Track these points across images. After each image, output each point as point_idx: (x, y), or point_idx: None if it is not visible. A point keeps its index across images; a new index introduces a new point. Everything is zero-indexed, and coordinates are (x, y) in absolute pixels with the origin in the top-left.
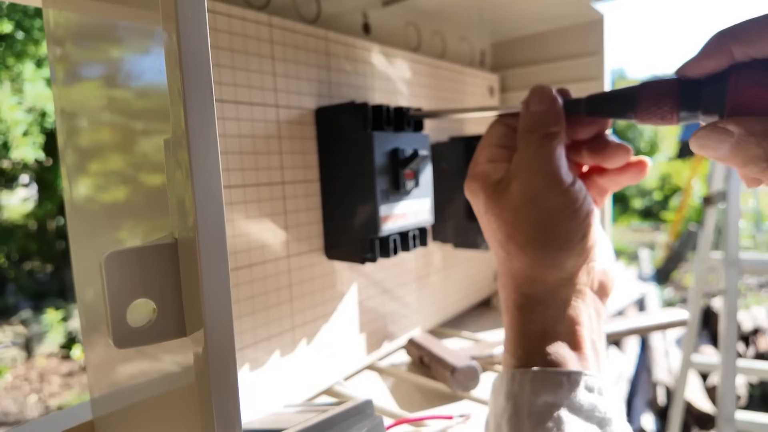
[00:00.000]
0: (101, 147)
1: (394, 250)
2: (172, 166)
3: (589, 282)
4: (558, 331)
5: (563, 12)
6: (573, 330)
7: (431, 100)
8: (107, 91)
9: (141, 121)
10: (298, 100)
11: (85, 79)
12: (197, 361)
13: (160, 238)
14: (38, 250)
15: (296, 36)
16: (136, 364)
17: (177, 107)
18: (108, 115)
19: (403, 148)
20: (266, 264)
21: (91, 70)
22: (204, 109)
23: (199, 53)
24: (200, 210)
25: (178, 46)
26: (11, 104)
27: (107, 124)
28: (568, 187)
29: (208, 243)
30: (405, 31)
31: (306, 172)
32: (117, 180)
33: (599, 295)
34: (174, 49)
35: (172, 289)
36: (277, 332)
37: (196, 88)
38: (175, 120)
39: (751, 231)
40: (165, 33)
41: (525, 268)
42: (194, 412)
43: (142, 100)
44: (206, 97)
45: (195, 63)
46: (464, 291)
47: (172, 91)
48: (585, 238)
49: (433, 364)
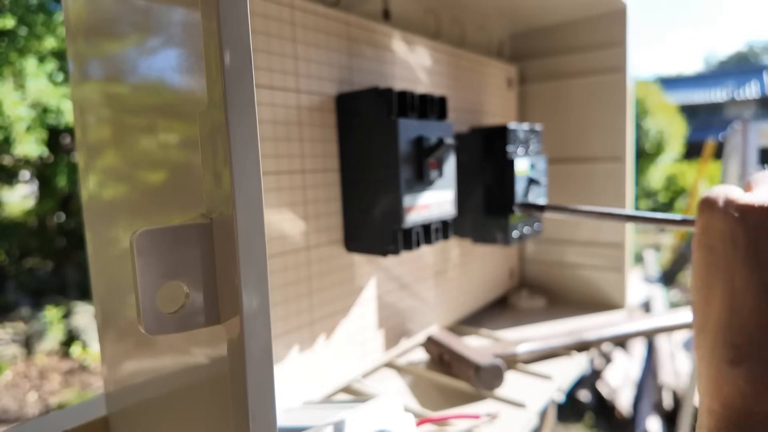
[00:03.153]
0: (122, 139)
1: (416, 243)
2: (208, 142)
3: None
4: None
5: (584, 2)
6: None
7: (450, 89)
8: (128, 85)
9: (163, 112)
10: (319, 86)
11: (105, 73)
12: (232, 349)
13: (193, 218)
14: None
15: (317, 19)
16: (157, 357)
17: (216, 81)
18: (129, 108)
19: (428, 136)
20: (286, 255)
21: (110, 65)
22: (243, 81)
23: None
24: (239, 188)
25: (218, 23)
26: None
27: (129, 116)
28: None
29: (246, 223)
30: (424, 18)
31: (326, 160)
32: (140, 170)
33: None
34: (214, 28)
35: (207, 272)
36: (295, 326)
37: (236, 61)
38: (214, 96)
39: None
40: (204, 19)
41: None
42: (224, 406)
43: (164, 90)
44: (246, 71)
45: (235, 39)
46: (481, 288)
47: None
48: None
49: (455, 362)
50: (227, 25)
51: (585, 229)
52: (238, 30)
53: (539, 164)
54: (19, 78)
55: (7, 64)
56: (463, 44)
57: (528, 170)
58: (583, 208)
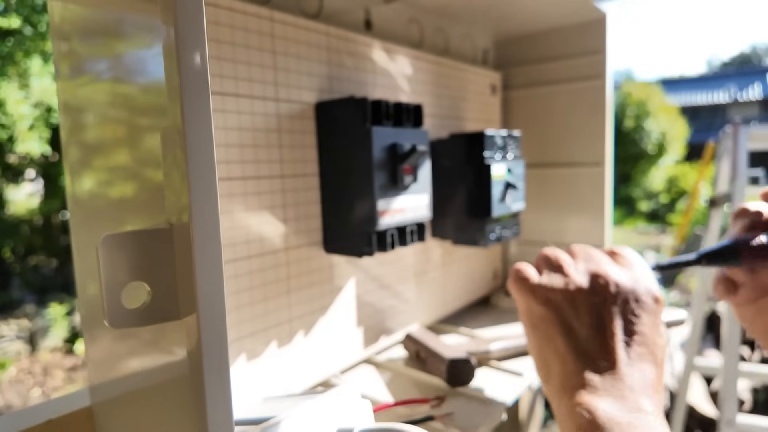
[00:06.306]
0: (103, 142)
1: (391, 245)
2: (169, 154)
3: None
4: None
5: (566, 10)
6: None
7: (433, 96)
8: (110, 87)
9: (143, 117)
10: (299, 95)
11: (88, 74)
12: (190, 343)
13: (156, 224)
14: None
15: (297, 30)
16: (134, 354)
17: (174, 95)
18: (110, 111)
19: (401, 143)
20: (264, 256)
21: (93, 65)
22: (200, 97)
23: (197, 41)
24: (195, 196)
25: (175, 34)
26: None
27: (110, 120)
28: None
29: (202, 228)
30: (407, 27)
31: (306, 165)
32: (119, 175)
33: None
34: (171, 40)
35: (167, 273)
36: (274, 323)
37: (193, 76)
38: (172, 108)
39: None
40: (163, 24)
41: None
42: (187, 397)
43: (143, 96)
44: (202, 85)
45: (192, 52)
46: (463, 288)
47: (169, 80)
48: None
49: (429, 358)
50: (185, 51)
51: (567, 230)
52: (195, 59)
53: (517, 169)
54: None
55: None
56: (447, 52)
57: (505, 174)
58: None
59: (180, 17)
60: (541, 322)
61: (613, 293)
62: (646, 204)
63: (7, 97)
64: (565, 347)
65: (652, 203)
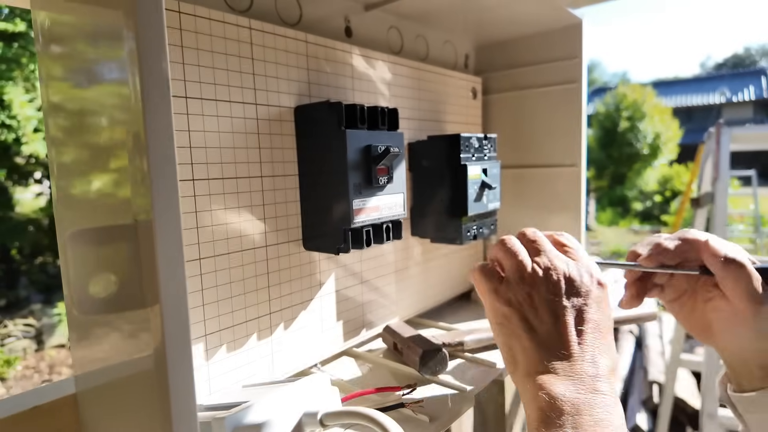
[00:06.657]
0: (78, 145)
1: (367, 242)
2: (135, 156)
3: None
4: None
5: (543, 17)
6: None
7: (412, 100)
8: (83, 92)
9: (112, 120)
10: (278, 99)
11: (65, 80)
12: (154, 331)
13: (125, 220)
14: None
15: (276, 38)
16: (111, 344)
17: (136, 99)
18: (85, 114)
19: (375, 145)
20: (244, 252)
21: (68, 71)
22: (161, 101)
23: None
24: (156, 195)
25: (136, 39)
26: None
27: (83, 123)
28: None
29: (164, 224)
30: (388, 35)
31: (285, 166)
32: (95, 176)
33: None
34: (133, 45)
35: (132, 266)
36: (254, 317)
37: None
38: (135, 112)
39: (752, 235)
40: (126, 30)
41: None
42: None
43: (112, 99)
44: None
45: (153, 58)
46: (445, 284)
47: (132, 85)
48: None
49: (405, 349)
50: (146, 60)
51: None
52: (157, 68)
53: (493, 169)
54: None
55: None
56: (428, 58)
57: (480, 175)
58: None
59: (141, 23)
60: (506, 320)
61: (565, 288)
62: (640, 204)
63: (13, 100)
64: (528, 342)
65: (646, 203)
